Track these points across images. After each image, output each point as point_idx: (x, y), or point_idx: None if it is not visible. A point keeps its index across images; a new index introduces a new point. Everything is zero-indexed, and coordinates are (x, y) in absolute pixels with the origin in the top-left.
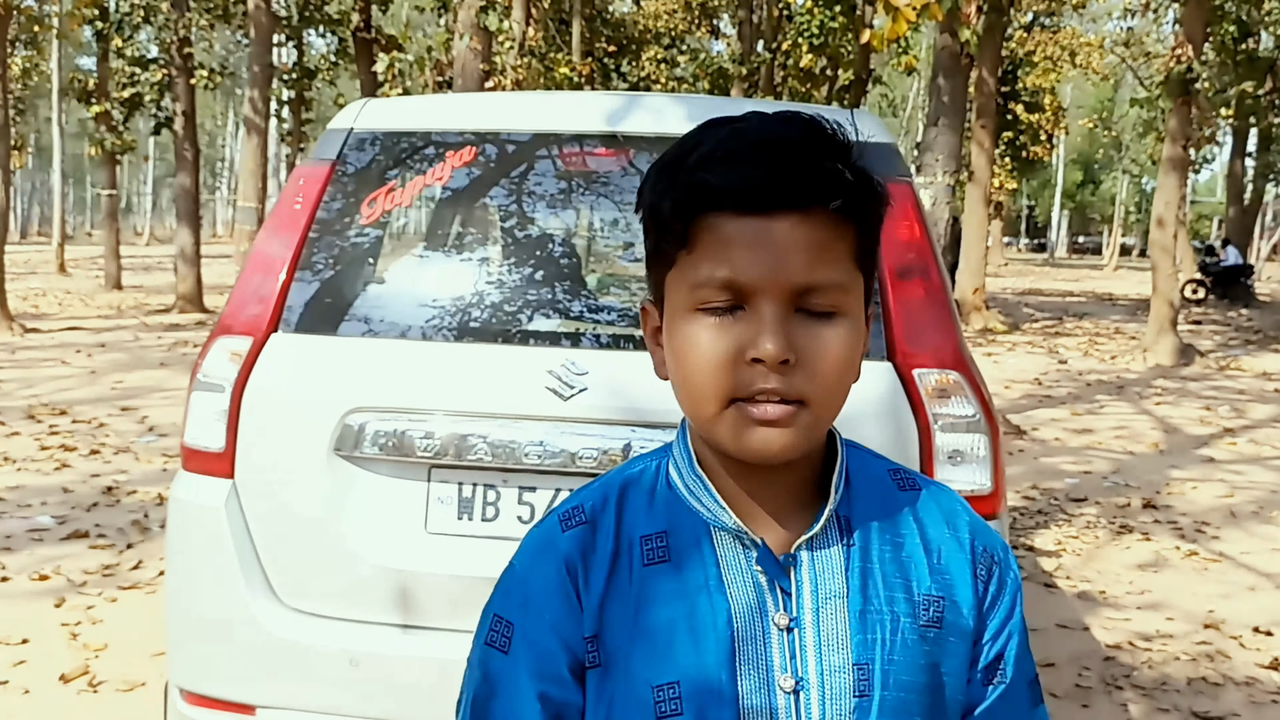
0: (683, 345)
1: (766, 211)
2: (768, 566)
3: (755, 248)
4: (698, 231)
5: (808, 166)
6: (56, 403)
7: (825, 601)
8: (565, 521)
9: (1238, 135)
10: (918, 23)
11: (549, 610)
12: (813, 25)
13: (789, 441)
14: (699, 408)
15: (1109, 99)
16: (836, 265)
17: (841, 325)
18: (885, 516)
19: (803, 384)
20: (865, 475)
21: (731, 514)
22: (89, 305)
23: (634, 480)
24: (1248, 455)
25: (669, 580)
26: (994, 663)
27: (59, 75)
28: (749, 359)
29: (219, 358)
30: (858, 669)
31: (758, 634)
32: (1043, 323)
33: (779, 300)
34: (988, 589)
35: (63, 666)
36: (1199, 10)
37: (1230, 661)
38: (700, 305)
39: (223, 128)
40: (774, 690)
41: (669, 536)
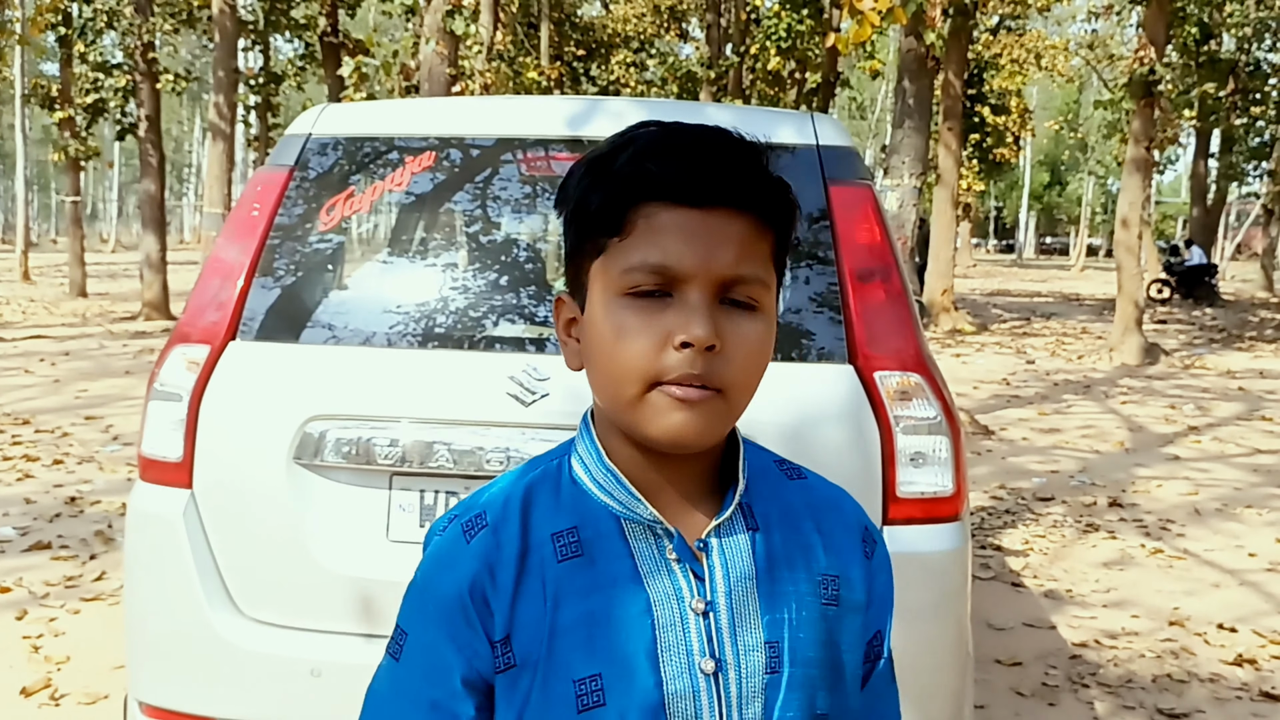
0: (608, 329)
1: (702, 205)
2: (682, 554)
3: (690, 237)
4: (634, 219)
5: (741, 169)
6: (19, 412)
7: (737, 584)
8: (468, 530)
9: (1200, 136)
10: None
11: (445, 621)
12: (780, 29)
13: (704, 426)
14: (620, 390)
15: (1074, 101)
16: (759, 262)
17: (760, 320)
18: (780, 504)
19: (723, 371)
20: (757, 466)
21: (647, 505)
22: (53, 313)
23: (537, 480)
24: (1212, 453)
25: (584, 575)
26: (874, 639)
27: (22, 81)
28: (677, 344)
29: (176, 366)
30: (769, 647)
31: (676, 620)
32: (1010, 323)
33: (708, 289)
34: (870, 566)
35: (24, 680)
36: (1161, 13)
37: (1195, 658)
38: (629, 289)
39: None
40: (695, 673)
41: (579, 531)
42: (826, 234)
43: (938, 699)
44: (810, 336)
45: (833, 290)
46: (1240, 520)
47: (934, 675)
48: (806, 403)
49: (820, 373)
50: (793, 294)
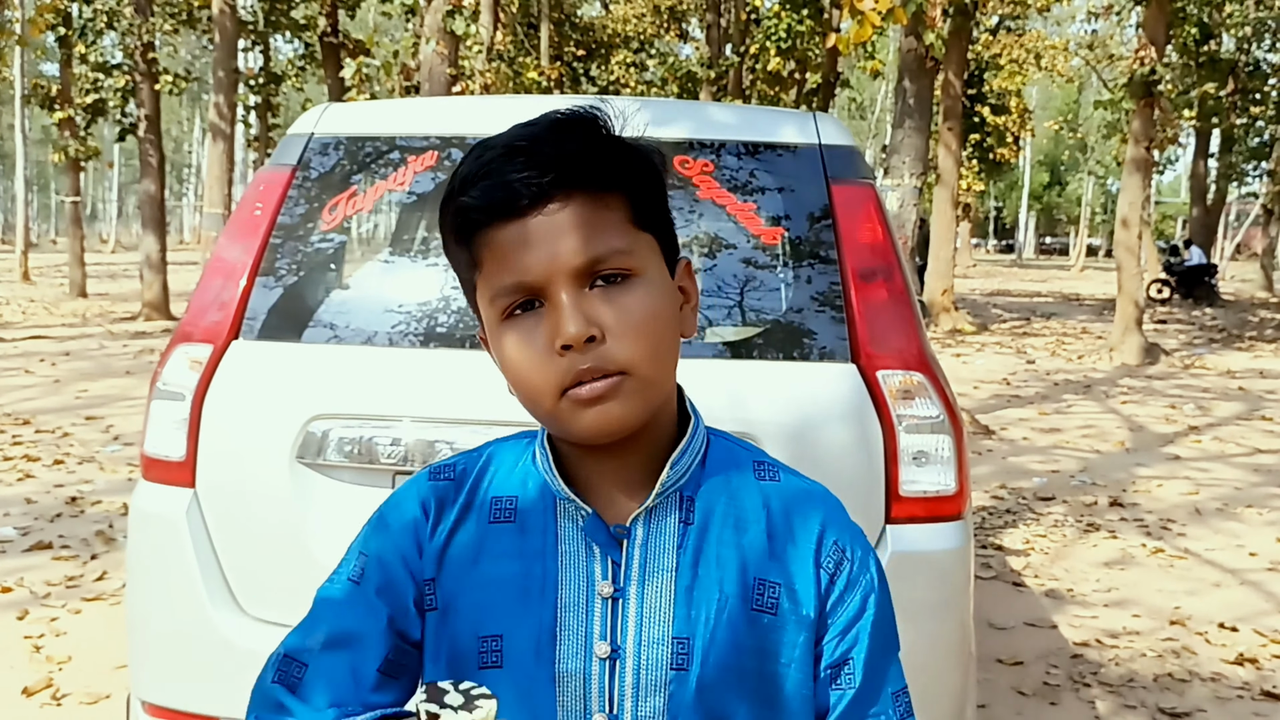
0: (503, 355)
1: (523, 213)
2: (597, 536)
3: (527, 246)
4: (479, 251)
5: (549, 158)
6: (20, 412)
7: (652, 575)
8: (435, 475)
9: (1200, 136)
10: (883, 27)
11: (399, 545)
12: (780, 29)
13: (622, 411)
14: (537, 406)
15: (1074, 101)
16: (611, 233)
17: (637, 286)
18: (733, 500)
19: (617, 352)
20: (725, 461)
21: (562, 482)
22: (53, 313)
23: (504, 448)
24: (1212, 453)
25: (508, 540)
26: (840, 663)
27: (21, 82)
28: (559, 349)
29: (179, 366)
30: (677, 642)
31: (580, 601)
32: (1011, 323)
33: (566, 284)
34: (833, 582)
35: (26, 679)
36: (1161, 13)
37: (1196, 658)
38: (504, 315)
39: (188, 133)
40: (590, 656)
41: (518, 500)
42: (829, 233)
43: (941, 698)
44: (813, 336)
45: (835, 289)
46: (1241, 520)
47: (937, 674)
48: (809, 402)
49: (823, 372)
50: (795, 293)
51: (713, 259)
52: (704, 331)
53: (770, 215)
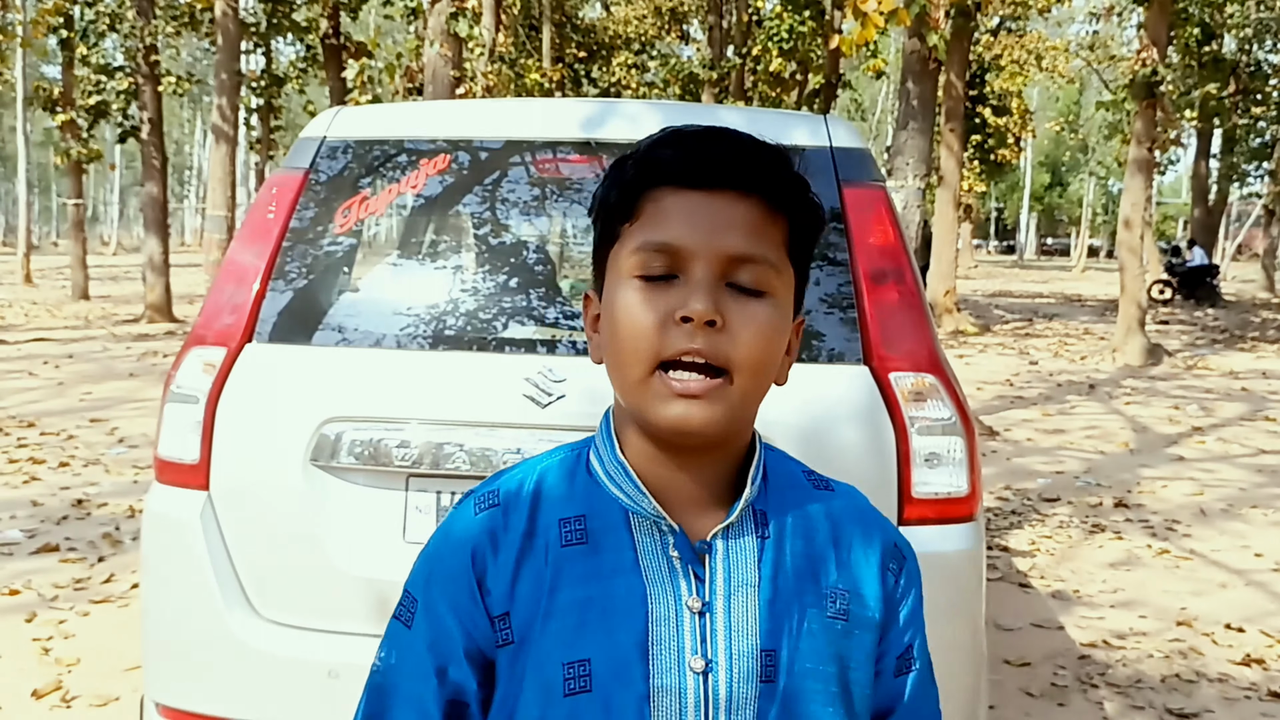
0: (617, 310)
1: (706, 187)
2: (683, 552)
3: (693, 216)
4: (643, 204)
5: (747, 155)
6: (24, 415)
7: (737, 589)
8: (479, 504)
9: (1202, 137)
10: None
11: (450, 591)
12: (782, 30)
13: (708, 416)
14: (626, 372)
15: (1075, 102)
16: (768, 245)
17: (769, 304)
18: (799, 512)
19: (727, 348)
20: (782, 473)
21: (650, 499)
22: (56, 316)
23: (554, 466)
24: (1216, 453)
25: (585, 562)
26: (905, 653)
27: (23, 84)
28: (678, 318)
29: (192, 369)
30: (765, 654)
31: (670, 616)
32: (1013, 324)
33: (711, 267)
34: (897, 583)
35: (35, 682)
36: (1162, 14)
37: (1203, 658)
38: (637, 272)
39: (190, 135)
40: (684, 671)
41: (587, 520)
42: (840, 235)
43: (953, 699)
44: (825, 337)
45: (847, 291)
46: (1246, 520)
47: (949, 675)
48: (821, 404)
49: (835, 374)
50: (807, 295)
51: None
52: None
53: None
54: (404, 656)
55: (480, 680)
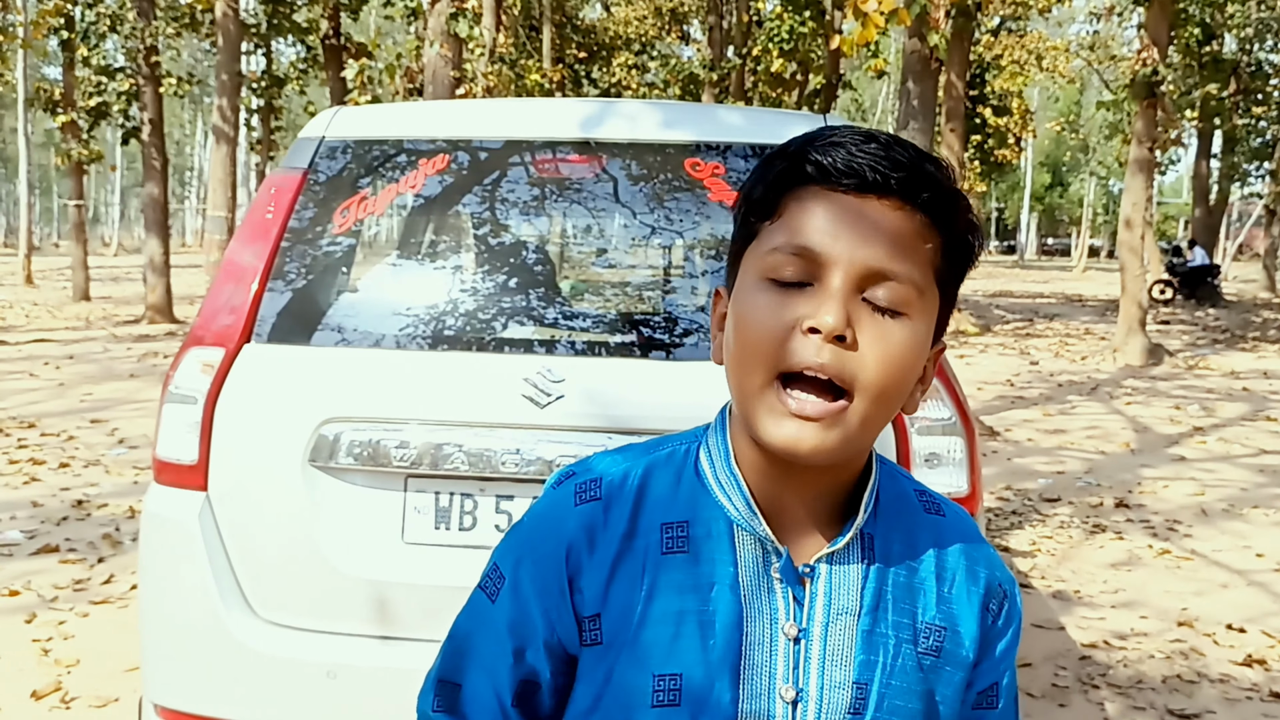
0: (743, 312)
1: (858, 191)
2: (786, 576)
3: (837, 221)
4: (787, 203)
5: (906, 162)
6: (25, 415)
7: (836, 617)
8: (580, 494)
9: (1202, 137)
10: (886, 28)
11: (540, 581)
12: (782, 30)
13: (819, 442)
14: (745, 379)
15: (1076, 102)
16: (915, 263)
17: (906, 326)
18: (906, 539)
19: (854, 367)
20: (893, 493)
21: (762, 521)
22: (57, 317)
23: (661, 462)
24: (1217, 454)
25: (685, 572)
26: (989, 689)
27: (24, 85)
28: (805, 329)
29: (191, 369)
30: (856, 687)
31: (765, 640)
32: (1014, 324)
33: (848, 278)
34: (995, 623)
35: (34, 683)
36: (1163, 14)
37: (1204, 659)
38: (770, 274)
39: (191, 136)
40: (774, 698)
41: (690, 527)
42: None
43: None
44: None
45: None
46: (1247, 520)
47: None
48: None
49: None
50: None
51: (725, 261)
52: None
53: None
54: (484, 628)
55: (555, 670)
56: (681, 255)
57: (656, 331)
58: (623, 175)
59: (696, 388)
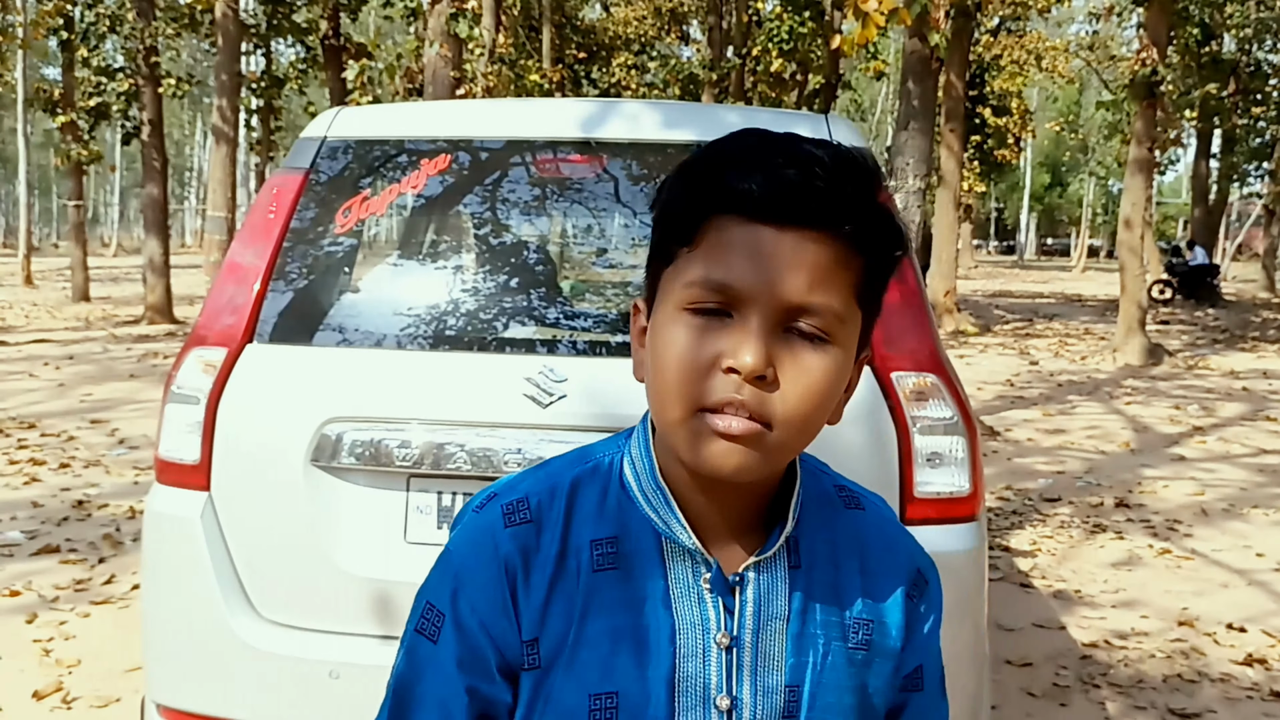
0: (663, 343)
1: (777, 223)
2: (716, 586)
3: (757, 256)
4: (706, 231)
5: (828, 188)
6: (25, 416)
7: (766, 623)
8: (509, 516)
9: (1202, 137)
10: (887, 28)
11: (482, 608)
12: (782, 31)
13: (745, 462)
14: (665, 410)
15: (1075, 102)
16: (836, 293)
17: (830, 355)
18: (829, 538)
19: (775, 405)
20: (815, 493)
21: (691, 534)
22: (56, 317)
23: (586, 477)
24: (1217, 453)
25: (617, 589)
26: (914, 672)
27: (24, 85)
28: (725, 367)
29: (193, 369)
30: (789, 690)
31: (698, 651)
32: (1013, 324)
33: (768, 313)
34: (917, 609)
35: (36, 683)
36: (1162, 14)
37: (1205, 658)
38: (689, 305)
39: (190, 137)
40: (710, 709)
41: (620, 542)
42: None
43: (955, 699)
44: None
45: None
46: (1247, 520)
47: (952, 676)
48: None
49: None
50: None
51: None
52: None
53: None
54: (430, 673)
55: (514, 694)
56: None
57: None
58: (623, 175)
59: None
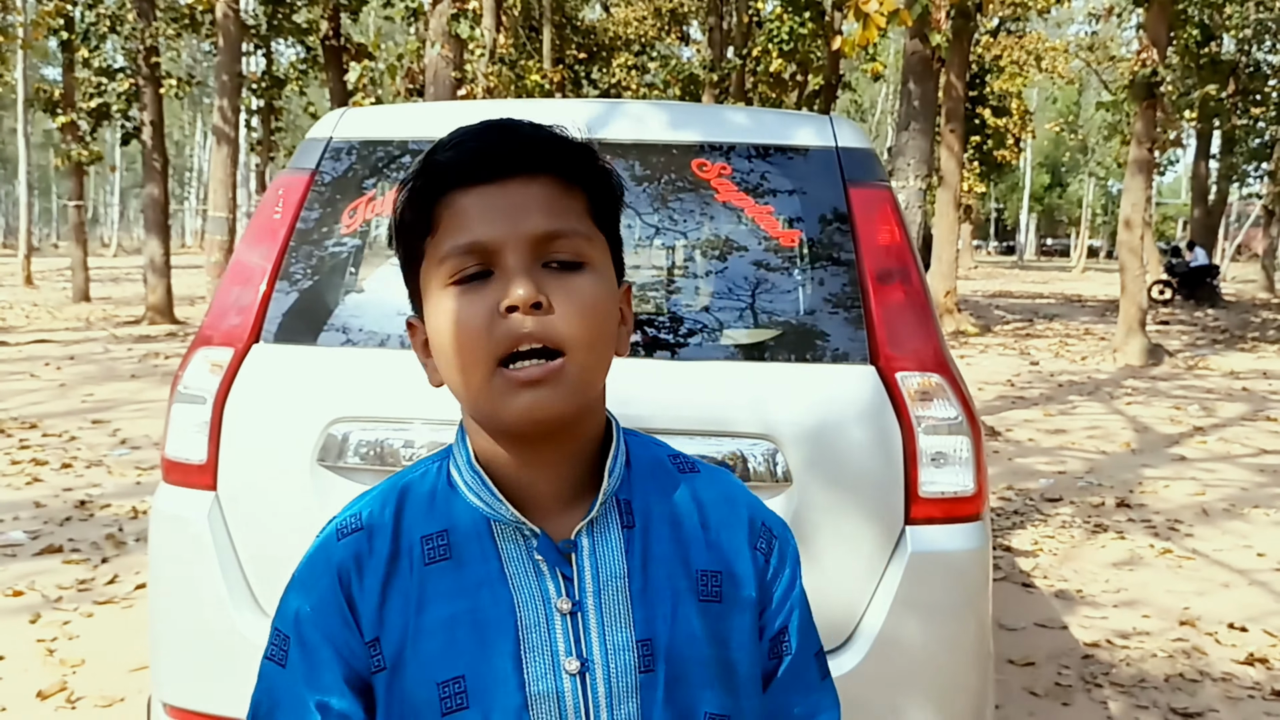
0: (442, 321)
1: (496, 179)
2: (547, 554)
3: (490, 210)
4: (439, 214)
5: (525, 139)
6: (26, 416)
7: (606, 583)
8: (340, 532)
9: (1201, 137)
10: (888, 29)
11: (322, 622)
12: (782, 31)
13: (555, 398)
14: (467, 379)
15: (1075, 103)
16: (573, 216)
17: (589, 275)
18: (664, 498)
19: (560, 327)
20: (645, 459)
21: (509, 506)
22: (57, 317)
23: (414, 483)
24: (1218, 453)
25: (450, 577)
26: (779, 635)
27: (24, 86)
28: (503, 310)
29: (200, 369)
30: (641, 645)
31: (541, 621)
32: (1014, 324)
33: (523, 252)
34: (769, 562)
35: (40, 683)
36: (1162, 15)
37: (1207, 658)
38: (452, 278)
39: (190, 137)
40: (560, 673)
41: (450, 534)
42: (845, 235)
43: (960, 698)
44: (831, 337)
45: (853, 291)
46: (1248, 520)
47: (956, 674)
48: (828, 404)
49: (842, 374)
50: (813, 295)
51: (731, 261)
52: (722, 333)
53: (787, 217)
54: (282, 697)
55: (366, 707)
56: (686, 255)
57: (662, 332)
58: (627, 176)
59: (701, 386)
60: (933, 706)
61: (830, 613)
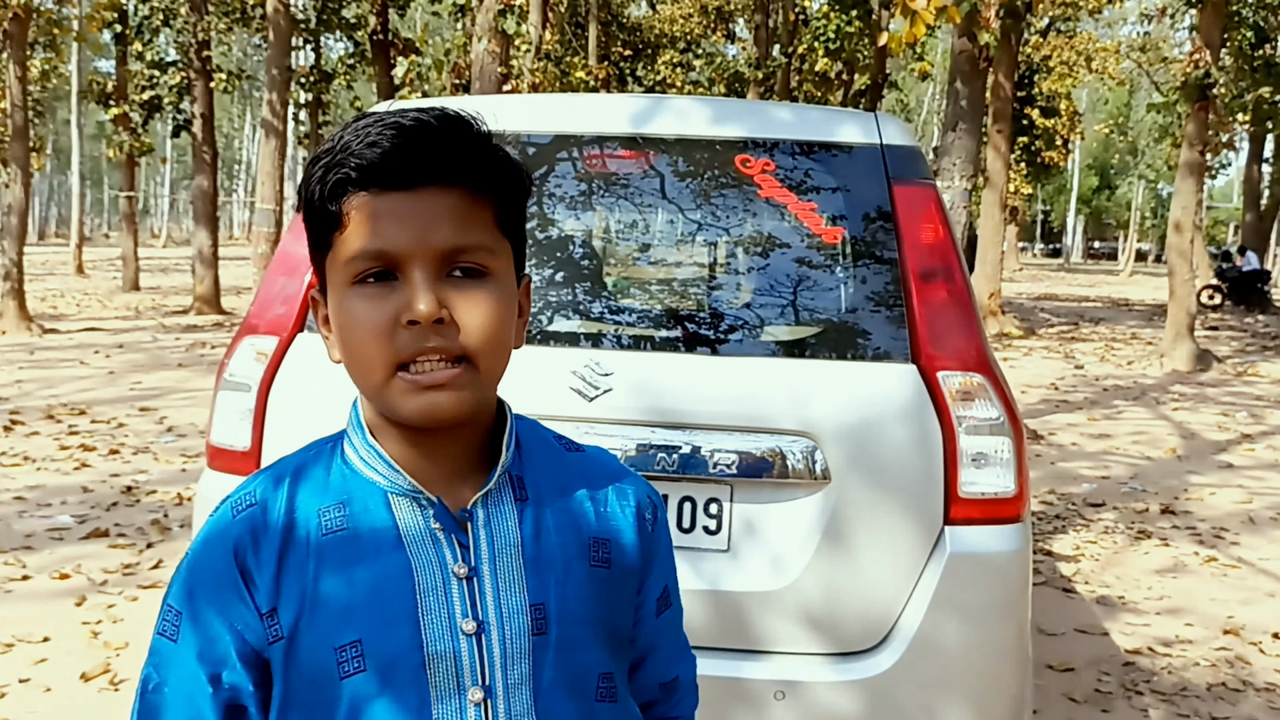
0: (345, 320)
1: (408, 187)
2: (444, 522)
3: (401, 219)
4: (349, 211)
5: (442, 147)
6: (75, 403)
7: (501, 551)
8: (235, 508)
9: (1255, 141)
10: (936, 25)
11: (216, 595)
12: (829, 29)
13: (454, 401)
14: (368, 378)
15: (1125, 104)
16: (480, 229)
17: (491, 284)
18: (554, 474)
19: (461, 339)
20: (534, 439)
21: (406, 475)
22: (107, 306)
23: (310, 460)
24: (1266, 461)
25: (347, 548)
26: (664, 594)
27: (78, 78)
28: (405, 322)
29: (245, 357)
30: (534, 609)
31: (438, 585)
32: (1059, 328)
33: (428, 265)
34: (652, 531)
35: (84, 665)
36: (1216, 16)
37: (1250, 668)
38: (356, 279)
39: (240, 130)
40: (457, 635)
41: (347, 506)
42: (889, 233)
43: (997, 702)
44: (873, 336)
45: (895, 290)
46: None
47: (993, 677)
48: (869, 402)
49: (883, 372)
50: (855, 293)
51: (773, 257)
52: (763, 330)
53: (830, 214)
54: (173, 672)
55: (257, 680)
56: (728, 251)
57: (702, 327)
58: (670, 171)
59: (742, 382)
60: (969, 709)
61: (866, 612)
